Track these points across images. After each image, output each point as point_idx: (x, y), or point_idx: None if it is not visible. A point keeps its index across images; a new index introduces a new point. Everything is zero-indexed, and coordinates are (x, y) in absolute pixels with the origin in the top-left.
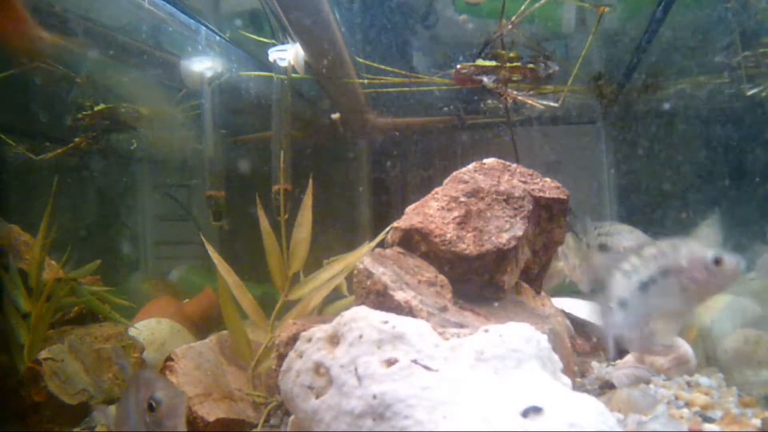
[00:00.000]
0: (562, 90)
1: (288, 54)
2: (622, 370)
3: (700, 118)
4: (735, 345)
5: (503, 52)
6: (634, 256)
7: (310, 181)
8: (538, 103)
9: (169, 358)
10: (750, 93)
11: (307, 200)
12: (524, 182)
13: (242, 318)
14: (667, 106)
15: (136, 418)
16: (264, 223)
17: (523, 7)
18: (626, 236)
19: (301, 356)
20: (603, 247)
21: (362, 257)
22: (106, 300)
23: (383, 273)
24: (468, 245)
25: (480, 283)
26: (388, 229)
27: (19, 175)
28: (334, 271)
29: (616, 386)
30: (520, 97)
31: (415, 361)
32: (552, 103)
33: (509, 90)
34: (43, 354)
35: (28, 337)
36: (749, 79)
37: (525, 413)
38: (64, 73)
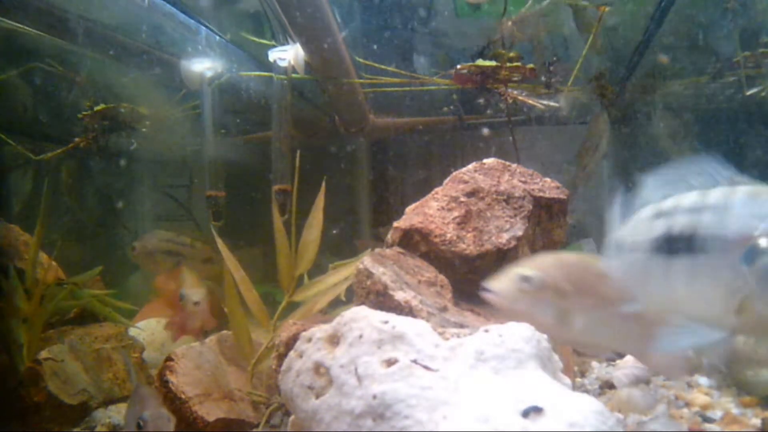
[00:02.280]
0: (563, 90)
1: (288, 54)
2: (622, 370)
3: (700, 118)
4: (735, 345)
5: (503, 51)
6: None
7: (323, 183)
8: (539, 103)
9: (169, 358)
10: (749, 93)
11: (319, 202)
12: (524, 182)
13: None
14: (666, 105)
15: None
16: (277, 222)
17: (524, 9)
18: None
19: (301, 356)
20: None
21: (363, 257)
22: (106, 303)
23: (383, 273)
24: (468, 245)
25: (480, 283)
26: (390, 232)
27: (19, 174)
28: (340, 276)
29: (616, 386)
30: (520, 97)
31: (415, 361)
32: (552, 103)
33: (509, 90)
34: (43, 354)
35: (26, 337)
36: (749, 80)
37: (525, 413)
38: (65, 73)
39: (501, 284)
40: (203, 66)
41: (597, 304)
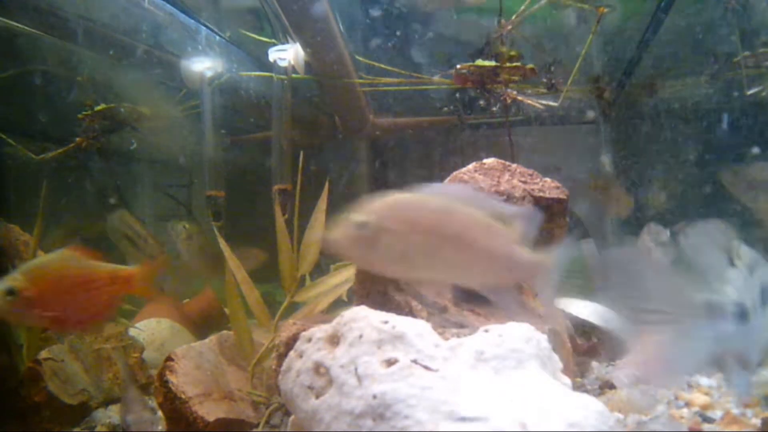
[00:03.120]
0: (562, 90)
1: (288, 54)
2: (621, 370)
3: (700, 118)
4: None
5: (504, 49)
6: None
7: (327, 184)
8: (538, 103)
9: (169, 358)
10: (750, 92)
11: (321, 203)
12: (524, 182)
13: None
14: (666, 106)
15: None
16: (279, 221)
17: (522, 7)
18: None
19: (301, 356)
20: None
21: None
22: None
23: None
24: None
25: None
26: None
27: (19, 175)
28: (342, 277)
29: (616, 386)
30: (519, 97)
31: (415, 361)
32: (551, 102)
33: (508, 89)
34: (43, 354)
35: (26, 337)
36: (749, 80)
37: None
38: (65, 74)
39: (338, 233)
40: (203, 65)
41: (436, 241)
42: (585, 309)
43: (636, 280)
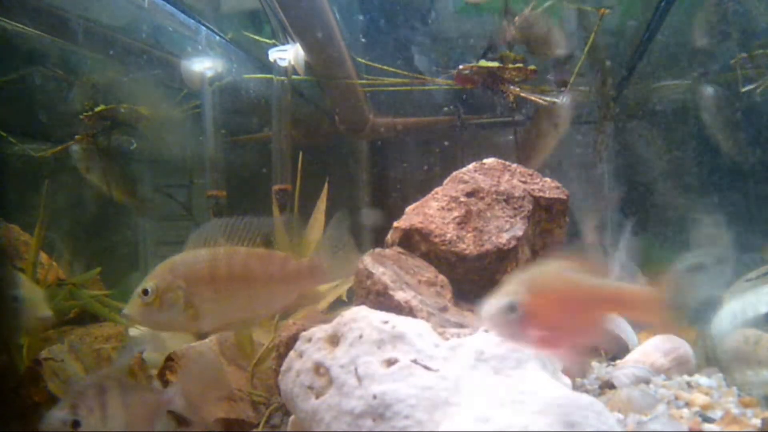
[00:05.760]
0: (567, 89)
1: (288, 54)
2: (622, 370)
3: (700, 118)
4: (735, 345)
5: (510, 53)
6: None
7: (326, 184)
8: (542, 100)
9: (169, 358)
10: (744, 90)
11: (321, 203)
12: (524, 182)
13: None
14: (666, 105)
15: None
16: (277, 222)
17: (526, 11)
18: None
19: (301, 356)
20: None
21: (362, 257)
22: (106, 303)
23: (383, 273)
24: (468, 245)
25: (480, 283)
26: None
27: (20, 174)
28: None
29: (616, 386)
30: (522, 94)
31: (415, 361)
32: (555, 99)
33: (512, 87)
34: (43, 354)
35: (26, 337)
36: (747, 80)
37: None
38: (65, 75)
39: (130, 308)
40: (204, 66)
41: (218, 290)
42: None
43: None
